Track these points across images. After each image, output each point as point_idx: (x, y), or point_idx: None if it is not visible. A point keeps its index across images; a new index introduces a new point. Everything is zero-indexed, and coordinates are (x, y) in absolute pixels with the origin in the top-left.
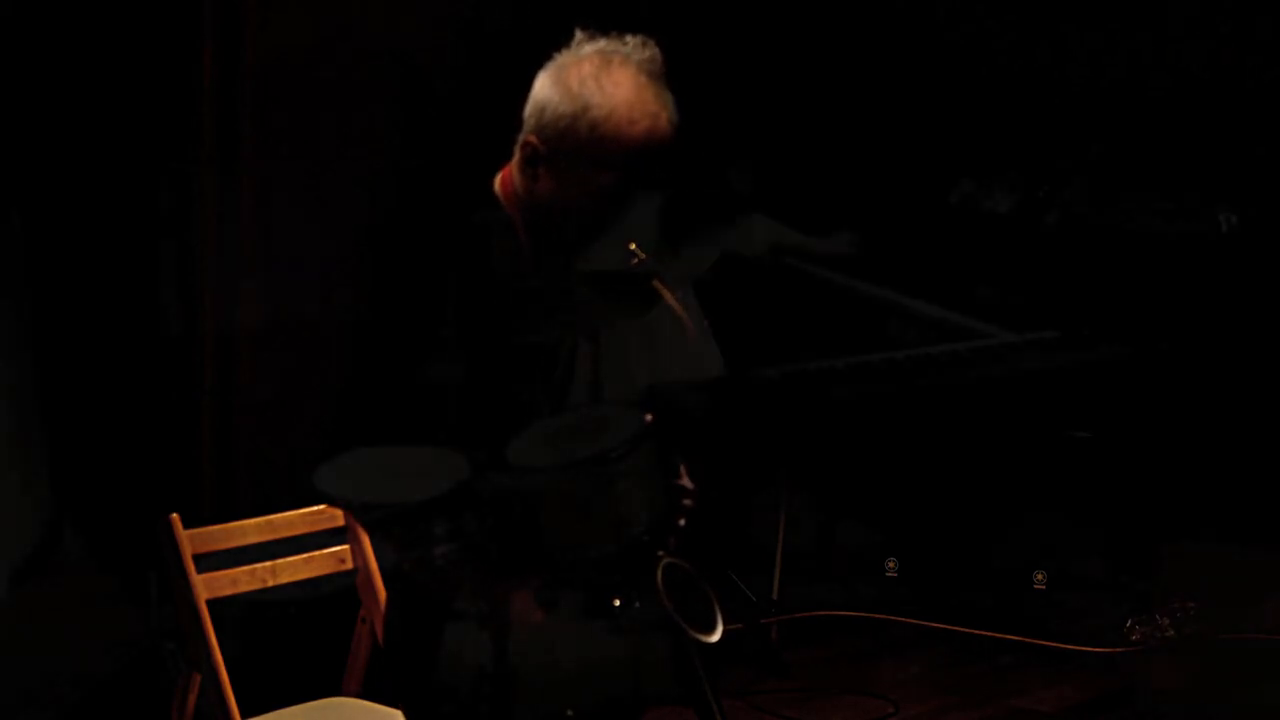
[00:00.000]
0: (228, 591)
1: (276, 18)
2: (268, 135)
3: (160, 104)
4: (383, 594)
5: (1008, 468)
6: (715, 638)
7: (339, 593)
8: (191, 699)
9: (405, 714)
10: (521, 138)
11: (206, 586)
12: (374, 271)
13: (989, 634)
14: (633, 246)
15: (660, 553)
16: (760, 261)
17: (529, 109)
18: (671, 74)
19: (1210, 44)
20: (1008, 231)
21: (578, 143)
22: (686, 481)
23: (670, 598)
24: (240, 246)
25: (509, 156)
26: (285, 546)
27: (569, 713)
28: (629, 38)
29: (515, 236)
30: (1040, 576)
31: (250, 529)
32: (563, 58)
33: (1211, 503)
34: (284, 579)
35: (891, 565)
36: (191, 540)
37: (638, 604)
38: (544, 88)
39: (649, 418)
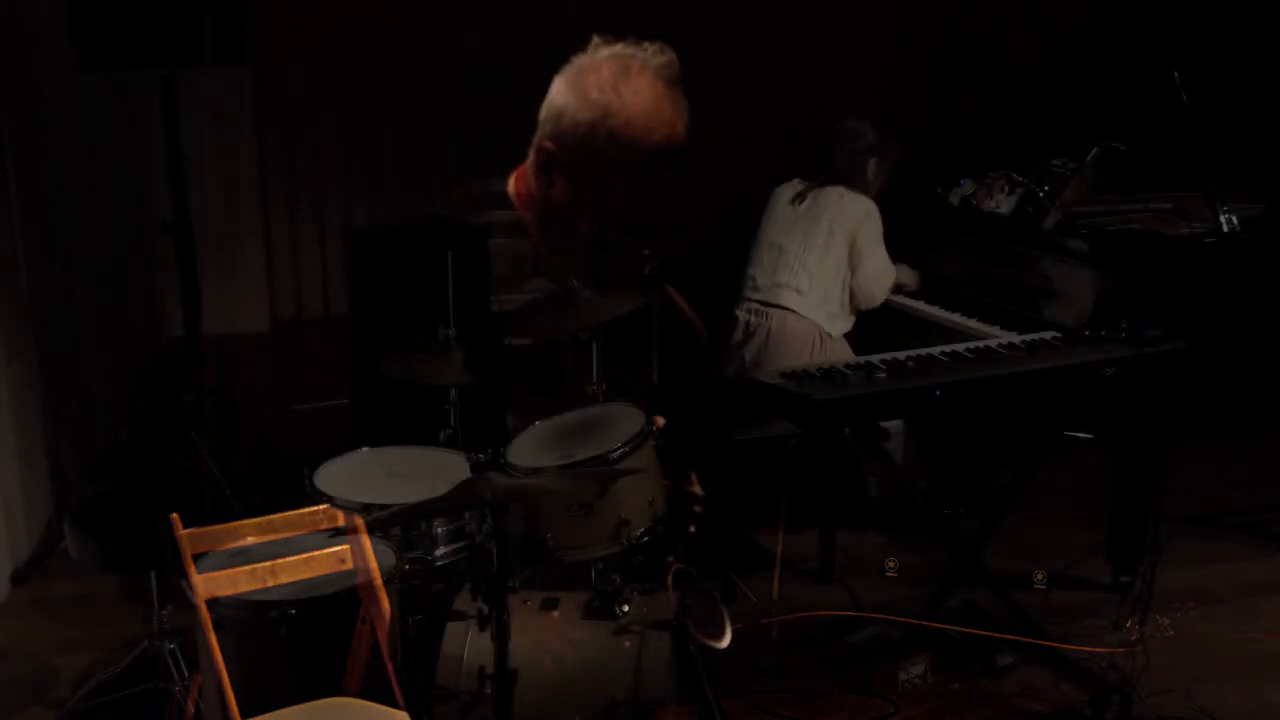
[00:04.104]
0: (227, 591)
1: None
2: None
3: None
4: (383, 594)
5: (1009, 465)
6: (724, 644)
7: (339, 593)
8: (192, 699)
9: (409, 715)
10: (537, 141)
11: (206, 586)
12: (373, 272)
13: (989, 634)
14: (646, 253)
15: (669, 558)
16: None
17: (545, 113)
18: None
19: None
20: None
21: (596, 149)
22: (697, 488)
23: (679, 604)
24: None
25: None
26: (285, 546)
27: (576, 718)
28: (646, 43)
29: (525, 237)
30: (1040, 576)
31: (250, 529)
32: (580, 61)
33: (1214, 499)
34: (284, 579)
35: (892, 565)
36: (191, 540)
37: (643, 608)
38: (561, 93)
39: (660, 420)
